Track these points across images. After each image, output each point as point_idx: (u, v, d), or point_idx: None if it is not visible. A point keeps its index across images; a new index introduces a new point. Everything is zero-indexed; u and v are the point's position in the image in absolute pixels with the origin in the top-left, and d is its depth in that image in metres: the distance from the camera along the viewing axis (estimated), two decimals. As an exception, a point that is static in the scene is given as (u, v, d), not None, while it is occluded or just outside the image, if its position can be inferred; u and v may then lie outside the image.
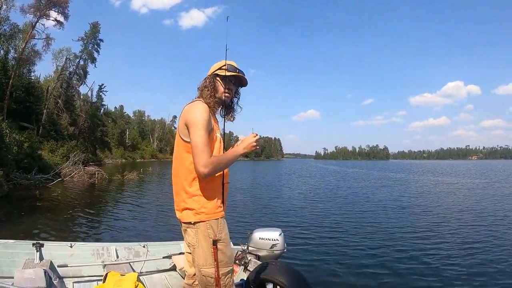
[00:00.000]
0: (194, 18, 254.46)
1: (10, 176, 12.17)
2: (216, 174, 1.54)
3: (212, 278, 1.53)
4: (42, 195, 11.12)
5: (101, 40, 31.43)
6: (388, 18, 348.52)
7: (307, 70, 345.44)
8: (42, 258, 2.39)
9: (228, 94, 1.66)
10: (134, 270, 2.60)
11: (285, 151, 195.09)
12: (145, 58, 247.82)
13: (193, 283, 1.78)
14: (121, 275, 2.30)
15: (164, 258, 2.88)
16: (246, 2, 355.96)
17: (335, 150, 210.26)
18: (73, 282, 2.41)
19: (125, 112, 72.93)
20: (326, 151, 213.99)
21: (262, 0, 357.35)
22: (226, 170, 1.64)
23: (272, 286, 2.06)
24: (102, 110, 38.46)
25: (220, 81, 1.65)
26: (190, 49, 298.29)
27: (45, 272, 2.02)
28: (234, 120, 1.76)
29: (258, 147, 1.59)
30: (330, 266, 4.65)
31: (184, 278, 1.96)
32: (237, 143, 1.64)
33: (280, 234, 2.81)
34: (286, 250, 2.84)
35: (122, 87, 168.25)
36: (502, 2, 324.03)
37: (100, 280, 2.39)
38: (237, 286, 2.39)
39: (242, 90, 1.78)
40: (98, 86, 35.46)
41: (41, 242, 2.49)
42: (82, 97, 32.08)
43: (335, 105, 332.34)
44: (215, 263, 1.52)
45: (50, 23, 22.46)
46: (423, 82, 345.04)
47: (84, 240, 5.85)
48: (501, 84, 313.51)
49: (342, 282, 4.12)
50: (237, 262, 2.89)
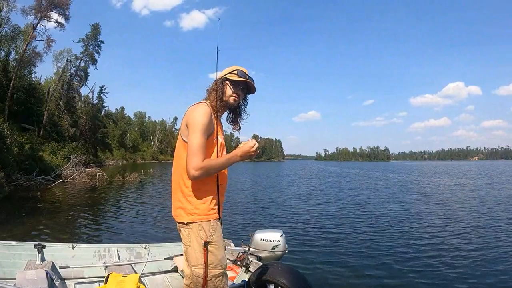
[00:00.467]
0: (195, 19, 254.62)
1: (11, 177, 12.19)
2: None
3: (201, 278, 1.53)
4: (43, 197, 11.14)
5: (102, 41, 31.62)
6: (388, 18, 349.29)
7: (308, 71, 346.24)
8: (44, 260, 2.40)
9: (235, 99, 1.67)
10: (135, 272, 2.61)
11: (286, 153, 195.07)
12: (146, 60, 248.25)
13: (190, 284, 1.78)
14: (122, 276, 2.31)
15: (165, 259, 2.89)
16: (247, 4, 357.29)
17: (336, 151, 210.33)
18: (74, 284, 2.41)
19: (126, 113, 73.33)
20: (327, 152, 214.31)
21: (263, 1, 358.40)
22: (224, 172, 1.63)
23: (273, 287, 2.05)
24: (103, 112, 38.40)
25: (229, 85, 1.66)
26: (191, 50, 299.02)
27: (46, 273, 2.02)
28: (240, 130, 1.77)
29: (256, 154, 1.58)
30: (331, 268, 4.64)
31: (185, 279, 1.96)
32: (239, 146, 1.64)
33: (281, 236, 2.81)
34: (287, 252, 2.84)
35: (123, 89, 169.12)
36: (502, 2, 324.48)
37: (101, 281, 2.40)
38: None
39: None
40: (99, 87, 35.40)
41: (42, 243, 2.50)
42: (83, 98, 32.07)
43: (336, 106, 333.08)
44: (204, 265, 1.51)
45: (51, 25, 22.65)
46: (424, 82, 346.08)
47: (85, 241, 5.84)
48: (502, 84, 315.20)
49: (344, 284, 4.11)
50: (238, 263, 2.90)
